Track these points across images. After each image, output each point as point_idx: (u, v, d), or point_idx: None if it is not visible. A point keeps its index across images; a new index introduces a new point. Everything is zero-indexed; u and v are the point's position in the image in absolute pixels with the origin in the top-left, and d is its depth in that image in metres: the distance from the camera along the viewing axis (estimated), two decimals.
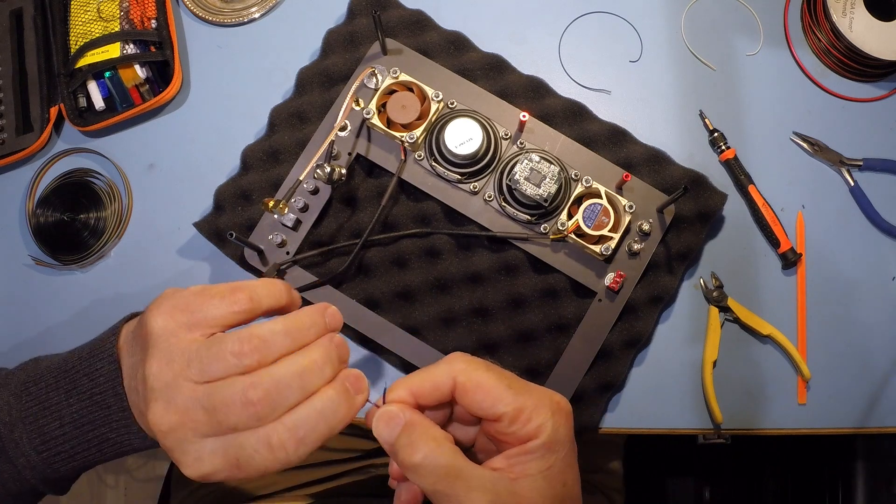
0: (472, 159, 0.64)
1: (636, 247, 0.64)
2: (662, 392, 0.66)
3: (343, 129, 0.66)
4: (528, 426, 0.39)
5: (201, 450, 0.37)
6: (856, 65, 0.69)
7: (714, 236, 0.68)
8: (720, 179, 0.68)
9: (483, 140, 0.63)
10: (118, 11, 0.70)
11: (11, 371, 0.48)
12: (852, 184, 0.68)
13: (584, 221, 0.62)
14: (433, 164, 0.64)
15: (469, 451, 0.45)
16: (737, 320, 0.66)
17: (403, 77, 0.64)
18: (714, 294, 0.66)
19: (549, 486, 0.38)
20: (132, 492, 1.51)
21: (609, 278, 0.63)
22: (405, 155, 0.65)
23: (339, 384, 0.39)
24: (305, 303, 0.65)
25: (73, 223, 0.69)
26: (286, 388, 0.37)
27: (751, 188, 0.67)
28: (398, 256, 0.66)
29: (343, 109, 0.63)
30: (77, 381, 0.44)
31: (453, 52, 0.68)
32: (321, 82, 0.68)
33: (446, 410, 0.43)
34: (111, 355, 0.43)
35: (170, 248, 0.68)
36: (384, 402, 0.41)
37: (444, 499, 0.38)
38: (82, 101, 0.69)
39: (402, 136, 0.63)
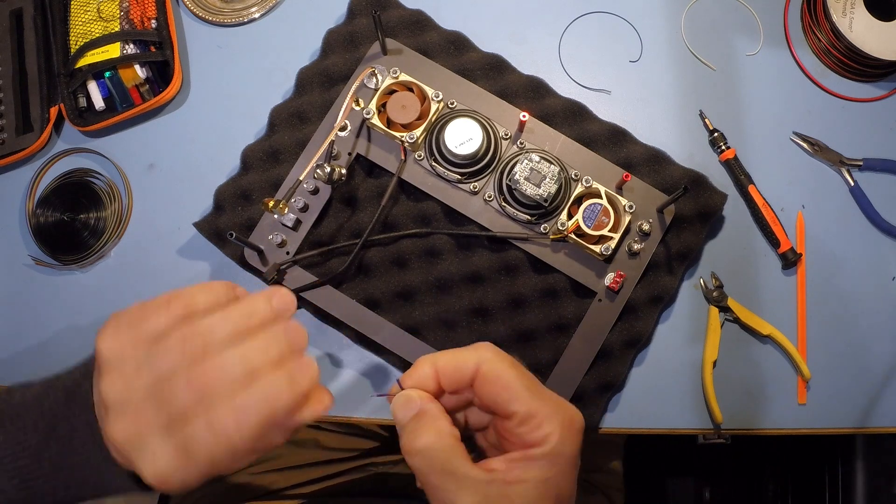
0: (472, 159, 0.64)
1: (636, 247, 0.64)
2: (662, 392, 0.66)
3: (343, 129, 0.66)
4: (535, 432, 0.39)
5: (154, 447, 0.37)
6: (856, 65, 0.69)
7: (714, 236, 0.68)
8: (720, 179, 0.68)
9: (483, 140, 0.63)
10: (118, 11, 0.70)
11: None
12: (852, 184, 0.68)
13: (584, 221, 0.62)
14: (433, 164, 0.64)
15: (478, 436, 0.45)
16: (737, 320, 0.66)
17: (403, 77, 0.64)
18: (714, 294, 0.66)
19: (540, 497, 0.38)
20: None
21: (609, 278, 0.63)
22: (405, 155, 0.65)
23: (284, 368, 0.39)
24: (306, 304, 0.65)
25: (73, 223, 0.69)
26: (229, 368, 0.38)
27: (751, 188, 0.67)
28: (398, 256, 0.66)
29: (343, 109, 0.63)
30: (55, 425, 0.43)
31: (453, 52, 0.68)
32: (321, 82, 0.68)
33: (467, 395, 0.44)
34: (87, 402, 0.43)
35: (170, 248, 0.68)
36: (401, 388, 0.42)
37: (434, 491, 0.39)
38: (82, 101, 0.69)
39: (402, 136, 0.63)
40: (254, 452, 0.39)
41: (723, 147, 0.68)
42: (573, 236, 0.63)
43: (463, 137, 0.62)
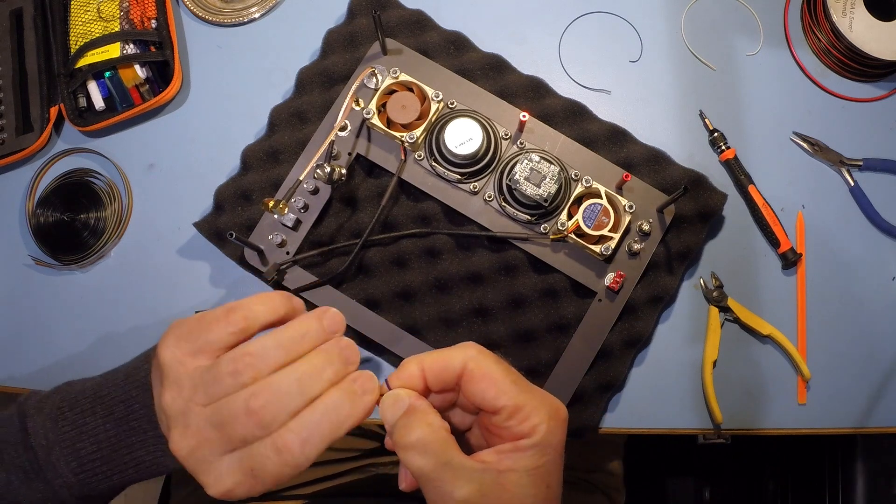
0: (472, 159, 0.64)
1: (636, 247, 0.64)
2: (662, 392, 0.66)
3: (343, 129, 0.66)
4: (524, 424, 0.40)
5: (220, 468, 0.39)
6: (856, 65, 0.69)
7: (714, 236, 0.68)
8: (720, 179, 0.68)
9: (483, 140, 0.63)
10: (118, 11, 0.70)
11: (45, 395, 0.49)
12: (852, 184, 0.68)
13: (584, 221, 0.62)
14: (433, 164, 0.64)
15: (462, 437, 0.46)
16: (737, 320, 0.66)
17: (403, 77, 0.64)
18: (714, 294, 0.66)
19: (533, 485, 0.40)
20: (132, 492, 1.51)
21: (609, 278, 0.63)
22: (405, 155, 0.65)
23: (344, 385, 0.40)
24: (308, 304, 0.65)
25: (73, 223, 0.69)
26: (286, 394, 0.38)
27: (751, 188, 0.67)
28: (398, 256, 0.66)
29: (343, 109, 0.63)
30: (113, 407, 0.46)
31: (453, 52, 0.68)
32: (321, 82, 0.68)
33: (451, 396, 0.45)
34: (145, 383, 0.45)
35: (170, 248, 0.68)
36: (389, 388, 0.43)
37: (430, 483, 0.39)
38: (82, 101, 0.69)
39: (402, 136, 0.63)
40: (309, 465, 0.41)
41: (723, 147, 0.68)
42: (573, 236, 0.63)
43: (463, 137, 0.62)
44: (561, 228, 0.62)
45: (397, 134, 0.63)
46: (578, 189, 0.63)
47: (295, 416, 0.38)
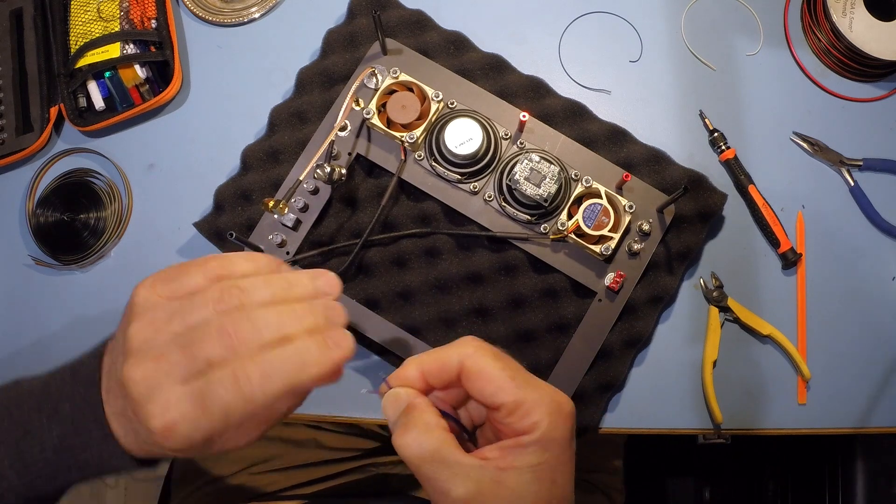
0: (472, 159, 0.64)
1: (636, 247, 0.64)
2: (662, 392, 0.66)
3: (343, 129, 0.66)
4: (524, 420, 0.39)
5: (169, 395, 0.37)
6: (856, 65, 0.69)
7: (714, 236, 0.68)
8: (720, 179, 0.68)
9: (483, 140, 0.63)
10: (118, 11, 0.70)
11: None
12: (852, 184, 0.68)
13: (584, 221, 0.62)
14: (433, 164, 0.64)
15: (479, 431, 0.46)
16: (737, 320, 0.66)
17: (403, 77, 0.64)
18: (714, 294, 0.66)
19: (536, 482, 0.39)
20: (132, 492, 1.52)
21: (609, 278, 0.63)
22: (405, 155, 0.65)
23: (319, 335, 0.40)
24: None
25: (73, 223, 0.69)
26: (262, 325, 0.38)
27: (751, 188, 0.67)
28: (398, 256, 0.66)
29: (343, 109, 0.63)
30: (59, 406, 0.44)
31: (453, 52, 0.68)
32: (321, 82, 0.68)
33: (463, 391, 0.44)
34: (92, 380, 0.43)
35: (170, 248, 0.68)
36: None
37: (428, 481, 0.39)
38: (82, 101, 0.69)
39: (402, 136, 0.63)
40: (265, 418, 0.39)
41: (723, 147, 0.68)
42: (573, 236, 0.63)
43: (463, 137, 0.62)
44: (561, 228, 0.62)
45: (397, 134, 0.63)
46: (578, 189, 0.63)
47: (264, 350, 0.38)
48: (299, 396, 0.41)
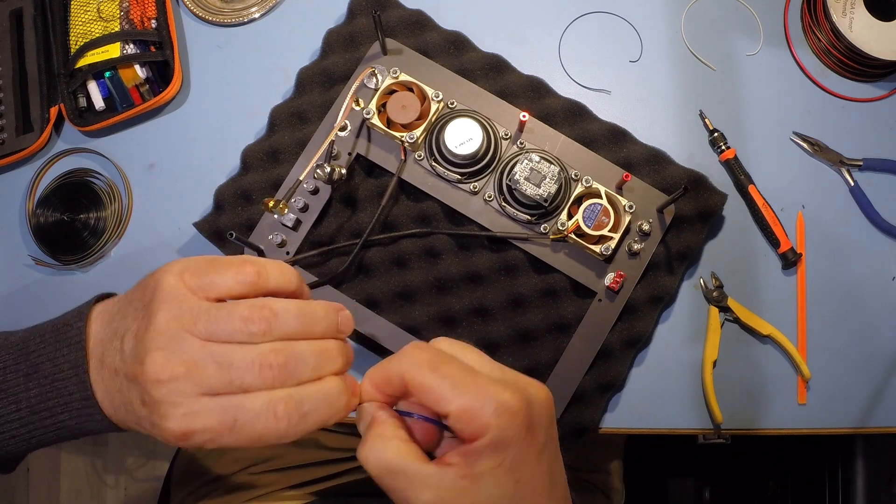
0: (472, 159, 0.64)
1: (636, 247, 0.64)
2: (662, 392, 0.66)
3: (343, 129, 0.66)
4: (472, 425, 0.38)
5: (196, 405, 0.37)
6: (856, 65, 0.69)
7: (714, 236, 0.68)
8: (720, 179, 0.68)
9: (483, 140, 0.63)
10: (118, 11, 0.70)
11: None
12: (852, 184, 0.68)
13: (584, 221, 0.62)
14: (433, 164, 0.65)
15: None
16: (737, 320, 0.66)
17: (403, 77, 0.64)
18: (714, 294, 0.66)
19: (497, 486, 0.38)
20: (132, 492, 1.52)
21: (609, 278, 0.63)
22: (405, 155, 0.65)
23: (346, 378, 0.41)
24: None
25: (73, 223, 0.69)
26: (303, 363, 0.39)
27: (751, 188, 0.67)
28: (398, 256, 0.66)
29: (343, 109, 0.63)
30: (39, 366, 0.43)
31: (453, 52, 0.68)
32: (321, 82, 0.68)
33: None
34: (78, 342, 0.42)
35: (170, 248, 0.68)
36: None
37: (391, 492, 0.39)
38: (82, 101, 0.69)
39: (402, 136, 0.63)
40: (285, 441, 0.40)
41: (723, 147, 0.68)
42: (573, 236, 0.63)
43: (463, 137, 0.62)
44: (561, 228, 0.62)
45: (397, 134, 0.63)
46: (578, 189, 0.63)
47: (300, 385, 0.38)
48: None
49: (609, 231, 0.62)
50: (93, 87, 0.69)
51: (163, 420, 0.38)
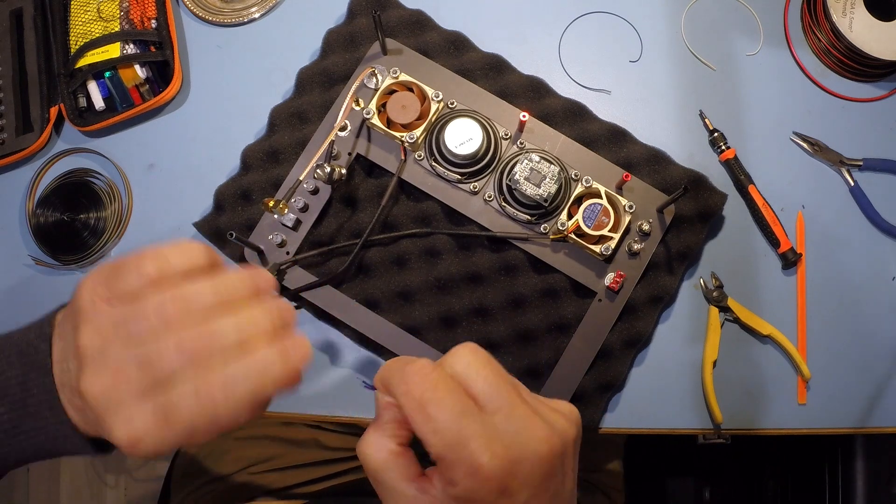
0: (472, 159, 0.64)
1: (636, 247, 0.64)
2: (662, 392, 0.66)
3: (343, 129, 0.66)
4: (446, 474, 0.37)
5: (131, 410, 0.37)
6: (856, 65, 0.69)
7: (714, 236, 0.68)
8: (720, 179, 0.68)
9: (483, 140, 0.63)
10: (118, 11, 0.70)
11: None
12: (852, 184, 0.68)
13: (584, 221, 0.62)
14: (433, 164, 0.64)
15: None
16: (737, 320, 0.66)
17: (403, 77, 0.64)
18: (714, 294, 0.66)
19: None
20: (132, 492, 1.52)
21: (609, 278, 0.63)
22: (405, 155, 0.65)
23: (279, 344, 0.39)
24: (306, 304, 0.65)
25: (73, 223, 0.69)
26: (222, 336, 0.38)
27: (751, 188, 0.67)
28: (398, 256, 0.66)
29: (343, 109, 0.63)
30: (7, 389, 0.42)
31: (453, 52, 0.68)
32: (321, 82, 0.68)
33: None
34: (45, 366, 0.41)
35: None
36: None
37: (376, 491, 0.39)
38: (82, 101, 0.69)
39: (402, 136, 0.63)
40: (227, 426, 0.39)
41: (723, 147, 0.68)
42: (573, 236, 0.63)
43: (463, 137, 0.62)
44: (561, 228, 0.62)
45: (397, 134, 0.63)
46: (578, 189, 0.63)
47: (226, 362, 0.37)
48: (262, 405, 0.40)
49: (609, 231, 0.62)
50: (93, 87, 0.69)
51: (111, 433, 0.37)
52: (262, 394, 0.38)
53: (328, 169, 0.62)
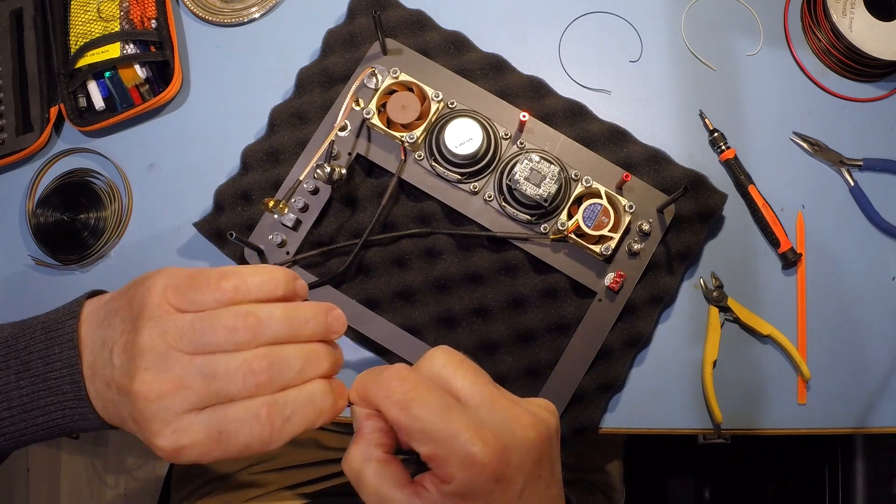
0: (472, 159, 0.64)
1: (636, 247, 0.64)
2: (662, 392, 0.66)
3: (343, 129, 0.66)
4: (440, 470, 0.37)
5: (184, 420, 0.37)
6: (856, 65, 0.69)
7: (714, 236, 0.68)
8: (720, 179, 0.68)
9: (483, 140, 0.63)
10: (118, 11, 0.70)
11: None
12: (852, 184, 0.68)
13: (584, 221, 0.62)
14: (433, 164, 0.65)
15: None
16: (737, 320, 0.66)
17: (403, 77, 0.64)
18: (714, 294, 0.66)
19: None
20: (132, 492, 1.52)
21: (609, 278, 0.63)
22: (405, 155, 0.65)
23: (332, 381, 0.41)
24: None
25: (73, 223, 0.69)
26: (288, 366, 0.38)
27: (751, 188, 0.67)
28: (398, 256, 0.66)
29: (343, 109, 0.63)
30: (30, 364, 0.42)
31: (453, 52, 0.68)
32: (321, 82, 0.68)
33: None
34: (70, 341, 0.42)
35: (170, 248, 0.68)
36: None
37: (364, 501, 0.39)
38: (82, 101, 0.69)
39: (402, 136, 0.63)
40: (274, 450, 0.39)
41: (723, 147, 0.68)
42: (573, 236, 0.63)
43: (463, 137, 0.62)
44: (561, 228, 0.62)
45: (397, 134, 0.63)
46: (578, 189, 0.63)
47: (283, 391, 0.38)
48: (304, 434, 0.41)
49: (609, 231, 0.62)
50: (93, 87, 0.69)
51: (154, 438, 0.38)
52: (313, 425, 0.39)
53: (328, 169, 0.62)
